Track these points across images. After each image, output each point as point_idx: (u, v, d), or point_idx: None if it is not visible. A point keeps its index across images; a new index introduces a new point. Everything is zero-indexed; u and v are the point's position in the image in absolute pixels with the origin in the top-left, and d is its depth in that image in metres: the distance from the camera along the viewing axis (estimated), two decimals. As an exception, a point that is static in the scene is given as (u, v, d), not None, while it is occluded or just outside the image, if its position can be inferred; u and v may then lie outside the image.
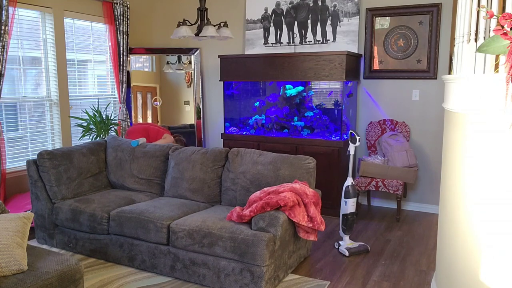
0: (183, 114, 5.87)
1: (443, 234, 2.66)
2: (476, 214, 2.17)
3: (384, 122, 4.90)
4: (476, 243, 2.18)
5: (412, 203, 4.96)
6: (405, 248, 3.83)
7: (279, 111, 5.20)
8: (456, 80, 2.34)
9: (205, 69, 5.91)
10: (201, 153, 3.82)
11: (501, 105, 1.94)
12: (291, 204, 2.99)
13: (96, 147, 4.21)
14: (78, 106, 5.15)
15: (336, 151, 4.58)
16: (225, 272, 2.98)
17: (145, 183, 4.01)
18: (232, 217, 3.08)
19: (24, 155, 4.57)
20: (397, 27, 4.77)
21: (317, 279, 3.21)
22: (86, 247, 3.57)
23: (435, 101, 4.69)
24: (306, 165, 3.45)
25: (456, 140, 2.39)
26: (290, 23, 5.32)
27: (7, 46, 4.08)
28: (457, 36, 2.52)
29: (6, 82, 4.33)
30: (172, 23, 5.92)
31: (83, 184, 3.94)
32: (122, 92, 5.49)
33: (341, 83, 4.66)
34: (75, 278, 2.46)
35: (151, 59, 5.90)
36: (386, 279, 3.24)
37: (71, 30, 5.03)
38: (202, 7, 4.06)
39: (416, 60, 4.72)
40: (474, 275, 2.20)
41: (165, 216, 3.25)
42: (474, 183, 2.19)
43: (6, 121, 4.39)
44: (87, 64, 5.31)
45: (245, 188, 3.55)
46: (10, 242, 2.37)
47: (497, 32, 1.85)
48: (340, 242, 3.77)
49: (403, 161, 4.57)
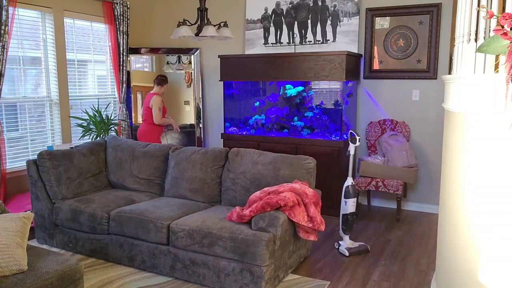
0: (183, 114, 5.87)
1: (443, 234, 2.66)
2: (476, 214, 2.17)
3: (384, 122, 4.90)
4: (476, 243, 2.18)
5: (412, 203, 4.96)
6: (405, 248, 3.83)
7: (279, 111, 5.20)
8: (456, 80, 2.34)
9: (205, 69, 5.91)
10: (201, 153, 3.82)
11: (501, 105, 1.94)
12: (291, 204, 2.99)
13: (96, 147, 4.21)
14: (78, 106, 5.15)
15: (336, 151, 4.58)
16: (225, 272, 2.98)
17: (145, 183, 4.01)
18: (232, 217, 3.08)
19: (24, 155, 4.57)
20: (397, 27, 4.77)
21: (317, 279, 3.21)
22: (86, 247, 3.57)
23: (435, 101, 4.69)
24: (306, 165, 3.45)
25: (456, 140, 2.39)
26: (290, 23, 5.32)
27: (7, 46, 4.07)
28: (457, 36, 2.52)
29: (6, 82, 4.32)
30: (172, 23, 5.92)
31: (83, 184, 3.94)
32: (122, 92, 5.49)
33: (341, 83, 4.65)
34: (75, 278, 2.46)
35: (151, 59, 5.90)
36: (386, 279, 3.24)
37: (71, 30, 5.03)
38: (202, 7, 4.06)
39: (416, 60, 4.72)
40: (474, 275, 2.20)
41: (165, 216, 3.25)
42: (474, 183, 2.19)
43: (6, 121, 4.39)
44: (87, 64, 5.31)
45: (245, 188, 3.55)
46: (10, 242, 2.36)
47: (497, 32, 1.84)
48: (340, 242, 3.77)
49: (403, 161, 4.57)
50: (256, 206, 2.99)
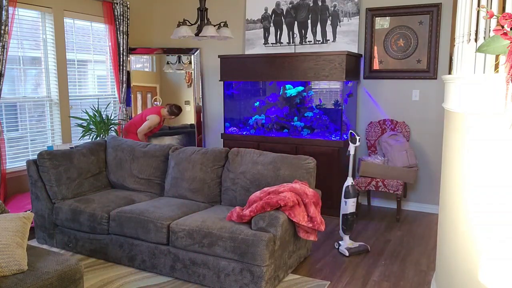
0: (183, 114, 5.86)
1: (443, 234, 2.66)
2: (476, 214, 2.17)
3: (384, 122, 4.90)
4: (476, 243, 2.18)
5: (412, 203, 4.96)
6: (405, 248, 3.83)
7: (279, 111, 5.20)
8: (456, 80, 2.34)
9: (205, 69, 5.91)
10: (201, 153, 3.82)
11: (501, 105, 1.94)
12: (291, 204, 2.99)
13: (96, 147, 4.21)
14: (78, 106, 5.15)
15: (336, 151, 4.58)
16: (225, 272, 2.98)
17: (145, 183, 4.01)
18: (232, 217, 3.08)
19: (24, 155, 4.57)
20: (397, 27, 4.77)
21: (317, 279, 3.21)
22: (86, 247, 3.57)
23: (435, 101, 4.69)
24: (306, 165, 3.45)
25: (456, 140, 2.39)
26: (290, 23, 5.32)
27: (7, 46, 4.07)
28: (457, 36, 2.52)
29: (6, 82, 4.32)
30: (172, 23, 5.92)
31: (83, 184, 3.94)
32: (122, 92, 5.49)
33: (341, 83, 4.65)
34: (75, 278, 2.46)
35: (151, 59, 5.90)
36: (386, 279, 3.24)
37: (71, 30, 5.03)
38: (202, 7, 4.06)
39: (416, 60, 4.72)
40: (474, 275, 2.20)
41: (165, 216, 3.25)
42: (474, 183, 2.19)
43: (6, 121, 4.39)
44: (87, 64, 5.30)
45: (245, 188, 3.55)
46: (10, 242, 2.36)
47: (497, 32, 1.84)
48: (340, 242, 3.77)
49: (403, 161, 4.57)
50: (256, 206, 2.99)
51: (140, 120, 5.18)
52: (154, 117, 5.12)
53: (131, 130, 5.21)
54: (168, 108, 5.21)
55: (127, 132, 5.23)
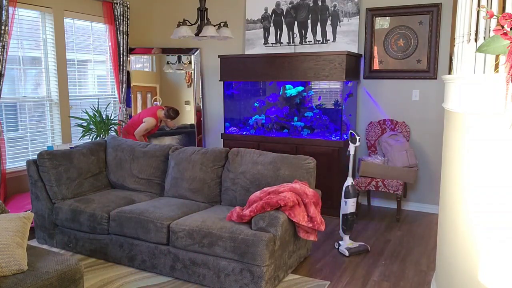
0: (183, 114, 5.87)
1: (443, 234, 2.66)
2: (476, 214, 2.17)
3: (384, 122, 4.90)
4: (476, 243, 2.18)
5: (412, 203, 4.96)
6: (405, 248, 3.83)
7: (279, 111, 5.20)
8: (456, 80, 2.34)
9: (205, 69, 5.91)
10: (201, 153, 3.82)
11: (501, 105, 1.94)
12: (291, 204, 2.99)
13: (96, 147, 4.21)
14: (78, 106, 5.15)
15: (336, 151, 4.58)
16: (225, 272, 2.98)
17: (145, 183, 4.01)
18: (232, 217, 3.08)
19: (24, 155, 4.57)
20: (397, 27, 4.77)
21: (317, 279, 3.21)
22: (86, 247, 3.57)
23: (435, 101, 4.69)
24: (306, 165, 3.45)
25: (456, 140, 2.39)
26: (290, 23, 5.32)
27: (7, 46, 4.08)
28: (457, 36, 2.52)
29: (6, 82, 4.32)
30: (172, 23, 5.92)
31: (83, 184, 3.94)
32: (122, 92, 5.49)
33: (341, 83, 4.66)
34: (75, 278, 2.46)
35: (151, 59, 5.90)
36: (386, 279, 3.24)
37: (71, 30, 5.03)
38: (202, 7, 4.06)
39: (416, 60, 4.72)
40: (474, 275, 2.20)
41: (165, 216, 3.25)
42: (474, 183, 2.19)
43: (6, 121, 4.39)
44: (87, 64, 5.31)
45: (245, 188, 3.55)
46: (10, 242, 2.37)
47: (497, 32, 1.84)
48: (340, 242, 3.77)
49: (403, 161, 4.57)
50: (256, 206, 2.99)
51: (137, 121, 5.17)
52: (150, 119, 5.11)
53: (130, 131, 5.21)
54: (165, 111, 5.16)
55: (126, 132, 5.24)
